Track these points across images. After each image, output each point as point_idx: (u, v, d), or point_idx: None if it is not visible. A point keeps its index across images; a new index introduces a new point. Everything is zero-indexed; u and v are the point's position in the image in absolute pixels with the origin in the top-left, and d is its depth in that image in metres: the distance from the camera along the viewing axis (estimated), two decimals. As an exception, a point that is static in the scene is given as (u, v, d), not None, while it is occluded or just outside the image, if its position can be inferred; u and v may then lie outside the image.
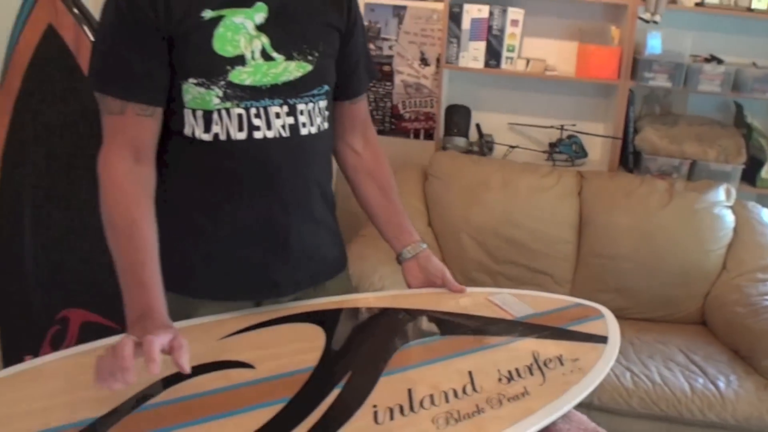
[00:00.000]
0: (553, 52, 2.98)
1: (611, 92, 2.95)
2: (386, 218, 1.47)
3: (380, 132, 3.14)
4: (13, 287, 1.90)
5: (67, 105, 1.79)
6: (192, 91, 1.17)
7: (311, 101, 1.26)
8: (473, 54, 2.86)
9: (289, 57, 1.22)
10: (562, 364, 1.16)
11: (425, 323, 1.30)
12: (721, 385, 2.16)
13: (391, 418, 0.99)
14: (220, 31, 1.16)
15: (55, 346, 1.87)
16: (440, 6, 2.90)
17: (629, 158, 2.91)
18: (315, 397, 1.02)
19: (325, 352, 1.14)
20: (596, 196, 2.72)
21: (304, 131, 1.25)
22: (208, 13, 1.15)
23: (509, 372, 1.12)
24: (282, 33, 1.21)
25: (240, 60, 1.18)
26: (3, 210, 1.85)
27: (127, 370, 0.93)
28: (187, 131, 1.20)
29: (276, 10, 1.20)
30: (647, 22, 2.66)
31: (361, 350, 1.18)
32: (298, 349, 1.16)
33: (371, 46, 3.02)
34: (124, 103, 1.15)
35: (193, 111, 1.18)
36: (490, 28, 2.82)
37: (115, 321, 1.82)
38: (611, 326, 1.32)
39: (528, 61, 2.89)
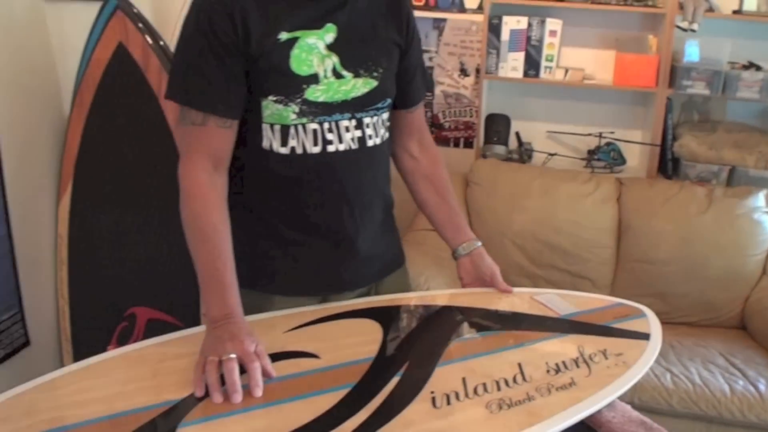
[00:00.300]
0: (591, 61, 3.02)
1: (649, 100, 2.98)
2: (443, 218, 1.54)
3: (421, 141, 3.23)
4: (85, 286, 2.00)
5: (136, 116, 1.89)
6: (271, 108, 1.25)
7: (376, 114, 1.34)
8: (512, 64, 2.92)
9: (356, 74, 1.30)
10: (606, 358, 1.21)
11: (476, 319, 1.37)
12: (762, 387, 2.18)
13: (448, 403, 1.06)
14: (295, 52, 1.24)
15: (123, 341, 1.96)
16: (480, 18, 2.97)
17: (668, 165, 2.94)
18: (376, 384, 1.09)
19: (383, 344, 1.22)
20: (635, 202, 2.75)
21: (370, 143, 1.34)
22: (283, 35, 1.24)
23: (556, 364, 1.18)
24: (350, 52, 1.29)
25: (314, 78, 1.26)
26: (76, 214, 1.95)
27: (238, 393, 1.05)
28: (265, 144, 1.29)
29: (343, 30, 1.28)
30: (685, 30, 2.69)
31: (417, 342, 1.25)
32: (358, 341, 1.23)
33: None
34: (206, 116, 1.23)
35: (271, 126, 1.27)
36: (528, 38, 2.89)
37: (178, 318, 1.94)
38: (653, 324, 1.36)
39: (566, 70, 2.94)
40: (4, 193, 1.73)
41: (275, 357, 1.15)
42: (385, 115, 1.38)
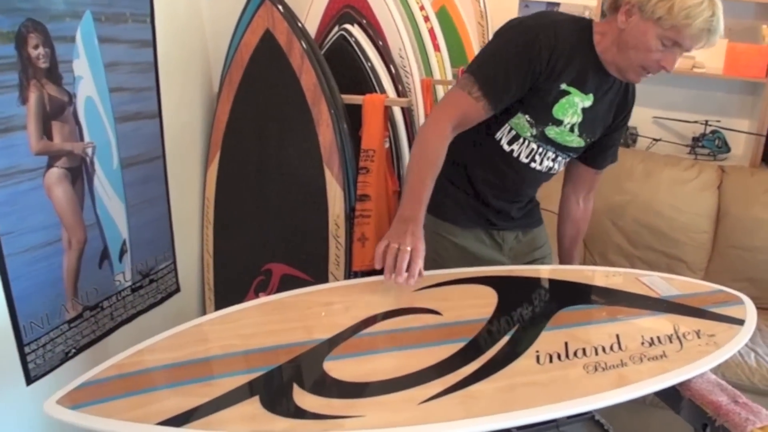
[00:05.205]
0: (702, 50, 3.00)
1: (759, 90, 2.98)
2: (565, 247, 2.01)
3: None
4: (227, 243, 2.22)
5: (278, 95, 2.07)
6: (521, 120, 1.64)
7: (568, 157, 1.77)
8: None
9: (580, 135, 1.70)
10: (699, 337, 1.31)
11: (582, 294, 1.52)
12: None
13: (550, 361, 1.21)
14: (563, 101, 1.62)
15: (258, 293, 2.19)
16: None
17: (772, 155, 2.93)
18: (489, 340, 1.26)
19: (497, 308, 1.39)
20: (736, 190, 2.79)
21: (553, 171, 1.78)
22: (563, 86, 1.60)
23: (651, 338, 1.30)
24: (588, 120, 1.67)
25: (559, 122, 1.65)
26: (222, 180, 2.16)
27: (401, 276, 1.35)
28: (497, 137, 1.69)
29: (595, 103, 1.66)
30: (800, 22, 2.68)
31: (527, 309, 1.43)
32: (475, 304, 1.41)
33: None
34: (482, 96, 1.55)
35: (510, 128, 1.66)
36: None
37: (308, 275, 2.15)
38: (749, 311, 1.45)
39: (676, 57, 2.95)
40: (164, 160, 1.97)
41: (405, 311, 1.33)
42: (569, 160, 1.79)
